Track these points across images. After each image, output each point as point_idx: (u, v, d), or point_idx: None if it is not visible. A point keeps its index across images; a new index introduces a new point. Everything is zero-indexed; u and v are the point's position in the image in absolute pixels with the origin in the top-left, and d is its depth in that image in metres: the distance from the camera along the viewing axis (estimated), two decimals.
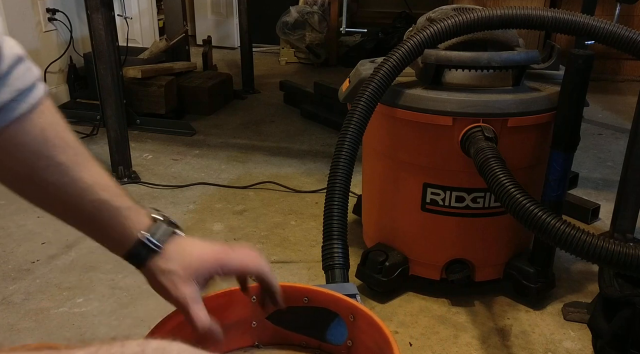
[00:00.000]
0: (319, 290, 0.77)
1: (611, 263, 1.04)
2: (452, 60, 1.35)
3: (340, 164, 1.23)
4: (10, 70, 0.57)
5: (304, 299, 0.77)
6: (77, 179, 0.62)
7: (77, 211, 0.64)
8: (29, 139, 0.59)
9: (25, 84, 0.59)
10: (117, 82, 2.14)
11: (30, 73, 0.60)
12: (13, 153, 0.59)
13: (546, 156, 1.40)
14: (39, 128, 0.60)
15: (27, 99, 0.59)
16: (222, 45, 4.48)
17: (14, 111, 0.58)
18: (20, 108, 0.58)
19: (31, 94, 0.59)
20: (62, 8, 3.01)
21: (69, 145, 0.62)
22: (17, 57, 0.58)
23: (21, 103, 0.58)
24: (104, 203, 0.64)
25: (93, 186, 0.63)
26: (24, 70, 0.59)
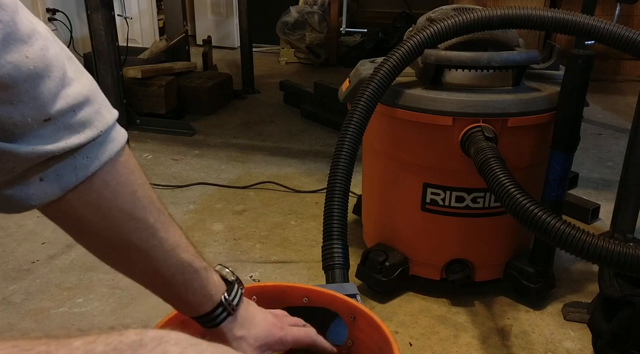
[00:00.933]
0: (319, 290, 0.77)
1: (611, 263, 1.04)
2: (452, 60, 1.35)
3: (340, 164, 1.23)
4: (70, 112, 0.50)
5: (304, 299, 0.77)
6: (163, 241, 0.59)
7: (160, 273, 0.61)
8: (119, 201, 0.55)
9: (93, 133, 0.52)
10: (117, 82, 2.15)
11: (101, 118, 0.53)
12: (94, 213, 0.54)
13: (546, 156, 1.40)
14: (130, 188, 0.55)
15: (99, 155, 0.52)
16: (222, 45, 4.48)
17: (85, 169, 0.52)
18: (92, 166, 0.52)
19: (103, 148, 0.53)
20: (62, 8, 3.01)
21: (154, 204, 0.59)
22: (84, 97, 0.51)
23: (93, 160, 0.52)
24: (185, 265, 0.62)
25: (176, 247, 0.61)
26: (91, 114, 0.52)
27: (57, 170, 0.50)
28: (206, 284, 0.65)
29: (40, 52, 0.47)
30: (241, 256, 1.76)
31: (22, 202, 0.51)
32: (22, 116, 0.47)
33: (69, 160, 0.51)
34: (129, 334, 0.37)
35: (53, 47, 0.49)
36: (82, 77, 0.52)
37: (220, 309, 0.66)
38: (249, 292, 0.77)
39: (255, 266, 1.71)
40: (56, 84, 0.48)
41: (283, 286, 0.79)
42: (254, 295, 0.78)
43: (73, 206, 0.53)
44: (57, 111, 0.49)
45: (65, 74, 0.50)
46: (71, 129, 0.50)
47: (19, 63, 0.46)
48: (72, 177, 0.51)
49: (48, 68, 0.48)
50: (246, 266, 1.70)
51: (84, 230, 0.56)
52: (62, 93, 0.49)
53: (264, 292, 0.79)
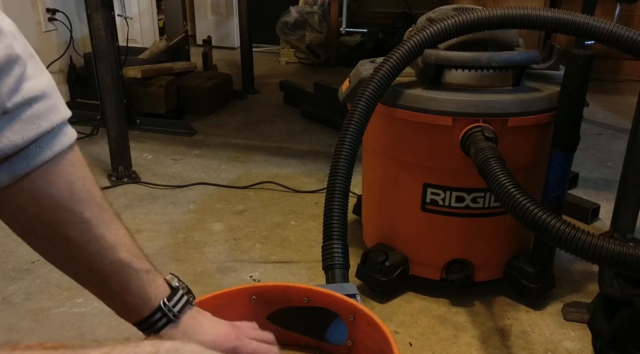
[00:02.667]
0: (319, 290, 0.77)
1: (611, 263, 1.04)
2: (452, 60, 1.35)
3: (340, 164, 1.23)
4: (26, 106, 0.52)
5: (304, 299, 0.77)
6: (99, 237, 0.59)
7: (95, 271, 0.61)
8: (54, 192, 0.55)
9: (48, 125, 0.53)
10: (117, 82, 2.14)
11: (56, 113, 0.54)
12: (35, 204, 0.55)
13: (546, 156, 1.40)
14: (67, 181, 0.56)
15: (52, 145, 0.54)
16: (222, 45, 4.48)
17: (36, 158, 0.53)
18: (44, 155, 0.53)
19: (55, 140, 0.54)
20: (62, 8, 3.01)
21: (95, 200, 0.58)
22: (41, 92, 0.53)
23: (45, 150, 0.53)
24: (124, 265, 0.61)
25: (115, 245, 0.60)
26: (47, 108, 0.53)
27: (11, 159, 0.52)
28: (145, 287, 0.63)
29: (5, 51, 0.49)
30: (241, 256, 1.76)
31: None
32: None
33: (23, 149, 0.52)
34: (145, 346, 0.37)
35: (17, 44, 0.51)
36: (42, 74, 0.54)
37: (159, 314, 0.64)
38: (249, 292, 0.77)
39: (255, 266, 1.71)
40: (15, 80, 0.50)
41: (283, 286, 0.79)
42: (253, 295, 0.78)
43: (14, 193, 0.54)
44: (14, 104, 0.51)
45: (24, 71, 0.52)
46: (27, 121, 0.52)
47: None
48: (23, 166, 0.53)
49: (11, 65, 0.50)
50: (246, 266, 1.70)
51: (20, 219, 0.56)
52: (20, 87, 0.51)
53: (264, 292, 0.79)
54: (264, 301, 0.77)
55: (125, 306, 0.64)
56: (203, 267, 1.70)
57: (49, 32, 2.97)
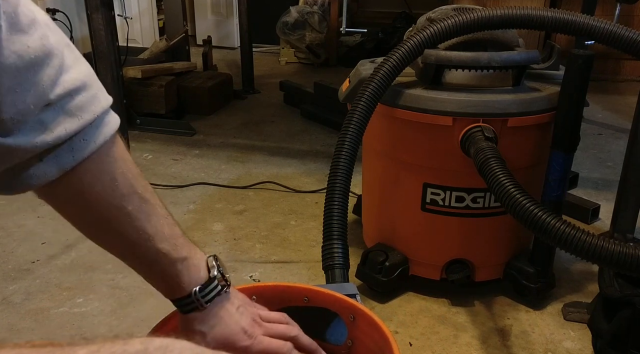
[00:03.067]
0: (319, 290, 0.77)
1: (611, 263, 1.04)
2: (452, 60, 1.35)
3: (340, 164, 1.23)
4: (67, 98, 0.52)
5: (304, 299, 0.77)
6: (140, 229, 0.62)
7: (137, 257, 0.64)
8: (99, 188, 0.57)
9: (90, 116, 0.54)
10: (117, 82, 2.14)
11: (97, 102, 0.55)
12: (81, 198, 0.57)
13: (546, 156, 1.40)
14: (110, 174, 0.57)
15: (95, 137, 0.55)
16: (222, 45, 4.48)
17: (81, 151, 0.54)
18: (89, 147, 0.54)
19: (99, 131, 0.55)
20: (62, 8, 3.01)
21: (137, 193, 0.61)
22: (81, 82, 0.53)
23: (89, 142, 0.54)
24: (160, 255, 0.64)
25: (154, 236, 0.63)
26: (88, 98, 0.54)
27: (56, 151, 0.53)
28: (179, 276, 0.66)
29: (40, 41, 0.50)
30: (241, 256, 1.76)
31: (22, 183, 0.54)
32: (25, 102, 0.49)
33: (67, 142, 0.53)
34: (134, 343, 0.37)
35: (52, 35, 0.52)
36: (80, 64, 0.55)
37: (187, 300, 0.67)
38: (249, 292, 0.77)
39: (255, 266, 1.71)
40: (55, 71, 0.51)
41: (283, 286, 0.79)
42: (253, 295, 0.78)
43: (63, 187, 0.55)
44: (56, 96, 0.51)
45: (63, 61, 0.52)
46: (69, 112, 0.52)
47: (22, 53, 0.48)
48: (69, 159, 0.54)
49: (47, 56, 0.50)
50: (246, 266, 1.70)
51: (70, 211, 0.59)
52: (60, 79, 0.51)
53: (264, 292, 0.79)
54: (264, 301, 0.77)
55: (162, 287, 0.68)
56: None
57: None
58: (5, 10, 0.47)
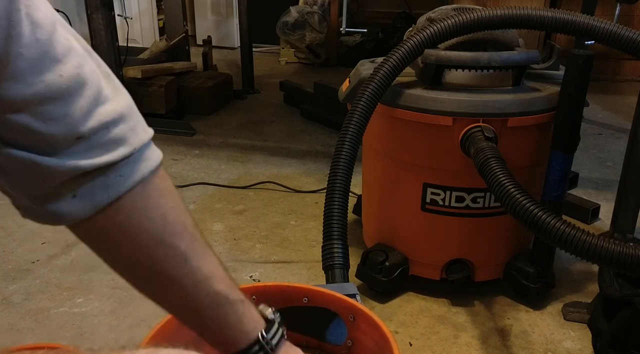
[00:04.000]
0: (319, 290, 0.77)
1: (611, 263, 1.04)
2: (452, 60, 1.35)
3: (340, 164, 1.23)
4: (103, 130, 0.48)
5: (303, 299, 0.77)
6: (195, 269, 0.56)
7: (192, 304, 0.58)
8: (147, 225, 0.52)
9: (127, 150, 0.50)
10: None
11: (136, 136, 0.51)
12: (127, 238, 0.52)
13: (546, 156, 1.40)
14: (160, 212, 0.53)
15: (133, 173, 0.51)
16: (222, 45, 4.48)
17: (118, 186, 0.50)
18: (125, 183, 0.50)
19: (137, 166, 0.51)
20: (62, 8, 3.01)
21: (188, 230, 0.56)
22: (118, 114, 0.50)
23: (126, 178, 0.50)
24: (220, 296, 0.58)
25: (210, 277, 0.57)
26: (125, 131, 0.50)
27: (90, 188, 0.49)
28: (242, 319, 0.61)
29: (75, 70, 0.46)
30: (241, 256, 1.76)
31: (56, 218, 0.50)
32: (52, 134, 0.46)
33: (101, 178, 0.50)
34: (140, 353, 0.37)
35: (88, 65, 0.48)
36: (119, 95, 0.51)
37: (256, 348, 0.62)
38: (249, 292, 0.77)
39: (255, 266, 1.71)
40: (89, 102, 0.48)
41: (283, 286, 0.79)
42: (253, 295, 0.78)
43: (103, 226, 0.51)
44: (89, 129, 0.48)
45: (100, 92, 0.49)
46: (104, 147, 0.49)
47: (52, 82, 0.45)
48: (104, 196, 0.50)
49: (81, 86, 0.47)
50: (246, 266, 1.70)
51: (112, 252, 0.54)
52: (95, 111, 0.48)
53: (264, 292, 0.79)
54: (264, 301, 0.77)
55: (222, 338, 0.61)
56: None
57: None
58: (39, 38, 0.44)
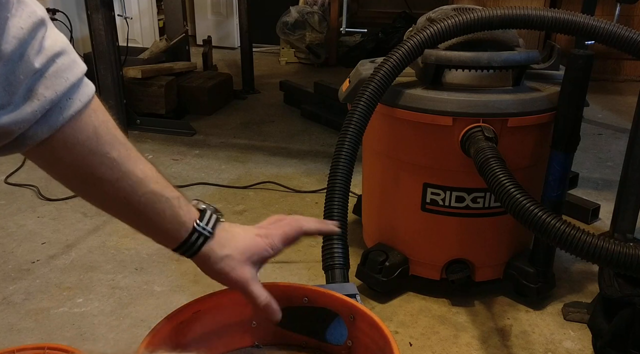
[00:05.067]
0: (319, 290, 0.77)
1: (611, 263, 1.04)
2: (452, 60, 1.35)
3: (340, 164, 1.23)
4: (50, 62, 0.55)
5: (303, 300, 0.77)
6: (129, 172, 0.63)
7: (131, 204, 0.64)
8: (83, 138, 0.59)
9: (73, 77, 0.57)
10: (117, 82, 2.15)
11: (77, 67, 0.59)
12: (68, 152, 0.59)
13: (546, 156, 1.40)
14: (92, 126, 0.60)
15: (80, 96, 0.58)
16: (222, 45, 4.48)
17: (69, 109, 0.57)
18: (75, 105, 0.57)
19: (80, 91, 0.58)
20: (62, 8, 3.01)
21: (120, 141, 0.63)
22: (60, 48, 0.57)
23: (75, 101, 0.57)
24: (155, 195, 0.65)
25: (144, 178, 0.65)
26: (69, 63, 0.57)
27: (46, 113, 0.56)
28: (178, 212, 0.67)
29: (30, 19, 0.53)
30: None
31: (13, 145, 0.56)
32: (15, 74, 0.52)
33: (57, 103, 0.56)
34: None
35: (38, 9, 0.55)
36: (56, 32, 0.58)
37: (195, 235, 0.68)
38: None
39: None
40: (39, 42, 0.54)
41: (282, 286, 0.79)
42: None
43: (53, 145, 0.58)
44: (41, 64, 0.54)
45: (46, 31, 0.55)
46: (55, 75, 0.55)
47: (19, 36, 0.51)
48: (59, 118, 0.56)
49: (35, 30, 0.53)
50: None
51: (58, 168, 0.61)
52: (42, 47, 0.54)
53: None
54: None
55: (164, 233, 0.68)
56: None
57: None
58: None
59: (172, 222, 0.67)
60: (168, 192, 0.67)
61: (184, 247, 0.69)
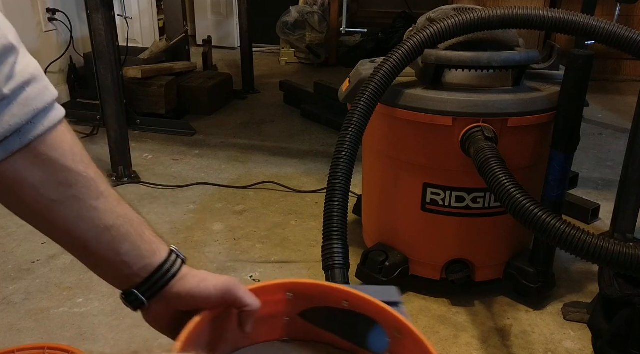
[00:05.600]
0: (362, 296, 0.69)
1: (611, 263, 1.04)
2: (452, 60, 1.35)
3: (340, 164, 1.23)
4: (20, 90, 0.54)
5: (343, 303, 0.73)
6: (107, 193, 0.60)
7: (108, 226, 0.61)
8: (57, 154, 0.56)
9: (41, 104, 0.55)
10: (117, 82, 2.14)
11: (48, 94, 0.56)
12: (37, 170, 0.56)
13: (546, 156, 1.40)
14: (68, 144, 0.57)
15: (44, 120, 0.55)
16: (222, 45, 4.48)
17: (29, 133, 0.54)
18: (36, 130, 0.55)
19: (48, 115, 0.56)
20: (62, 8, 3.01)
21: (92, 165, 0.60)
22: (31, 75, 0.55)
23: (37, 125, 0.55)
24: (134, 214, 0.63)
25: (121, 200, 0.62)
26: (39, 89, 0.55)
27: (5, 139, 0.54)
28: (156, 233, 0.64)
29: (0, 41, 0.51)
30: (241, 256, 1.76)
31: None
32: None
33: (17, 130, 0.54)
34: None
35: (10, 34, 0.53)
36: (28, 58, 0.56)
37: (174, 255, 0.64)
38: (285, 288, 0.72)
39: (255, 266, 1.71)
40: (11, 67, 0.52)
41: (322, 285, 0.73)
42: (288, 292, 0.74)
43: (11, 166, 0.55)
44: (11, 90, 0.52)
45: (17, 57, 0.54)
46: (23, 103, 0.54)
47: None
48: (16, 142, 0.54)
49: (5, 54, 0.52)
50: (246, 266, 1.70)
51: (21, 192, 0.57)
52: (13, 73, 0.53)
53: (302, 289, 0.74)
54: (301, 298, 0.74)
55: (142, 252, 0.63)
56: (203, 267, 1.69)
57: (49, 32, 2.97)
58: None
59: (154, 242, 0.64)
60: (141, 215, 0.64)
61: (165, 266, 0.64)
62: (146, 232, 0.64)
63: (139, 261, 0.64)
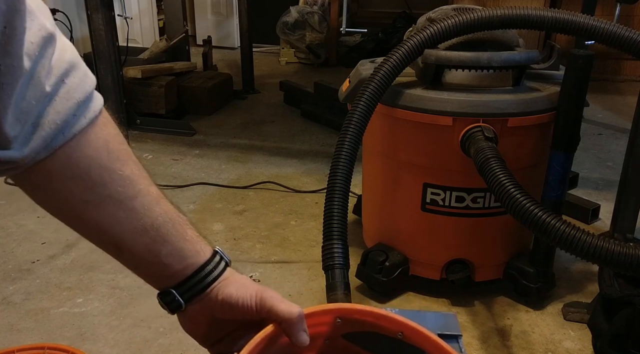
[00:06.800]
0: (420, 331, 0.66)
1: (611, 263, 1.04)
2: (452, 60, 1.35)
3: (340, 164, 1.23)
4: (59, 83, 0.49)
5: (398, 334, 0.67)
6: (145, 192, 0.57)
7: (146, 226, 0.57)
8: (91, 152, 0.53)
9: (82, 95, 0.51)
10: (117, 82, 2.15)
11: (87, 81, 0.53)
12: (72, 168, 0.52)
13: (546, 156, 1.40)
14: (103, 139, 0.54)
15: (86, 113, 0.52)
16: (222, 45, 4.49)
17: (72, 127, 0.51)
18: (80, 123, 0.51)
19: (89, 106, 0.52)
20: (62, 8, 3.01)
21: (132, 159, 0.57)
22: (69, 64, 0.50)
23: (80, 118, 0.51)
24: (174, 212, 0.59)
25: (159, 197, 0.58)
26: (80, 78, 0.51)
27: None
28: (199, 232, 0.61)
29: (39, 33, 0.47)
30: (241, 256, 1.76)
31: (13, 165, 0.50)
32: (26, 100, 0.47)
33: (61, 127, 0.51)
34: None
35: (47, 22, 0.48)
36: (63, 40, 0.52)
37: (218, 256, 0.61)
38: (332, 313, 0.66)
39: (255, 266, 1.71)
40: (49, 60, 0.48)
41: (376, 314, 0.67)
42: (338, 318, 0.67)
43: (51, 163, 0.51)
44: (51, 86, 0.49)
45: (55, 45, 0.49)
46: (65, 97, 0.50)
47: (28, 51, 0.45)
48: (59, 138, 0.50)
49: (45, 47, 0.48)
50: (246, 266, 1.70)
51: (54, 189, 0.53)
52: (51, 65, 0.49)
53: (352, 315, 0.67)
54: (348, 323, 0.67)
55: (183, 253, 0.59)
56: None
57: None
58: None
59: (193, 242, 0.59)
60: (182, 213, 0.60)
61: (208, 267, 0.60)
62: (189, 232, 0.60)
63: (181, 262, 0.60)
